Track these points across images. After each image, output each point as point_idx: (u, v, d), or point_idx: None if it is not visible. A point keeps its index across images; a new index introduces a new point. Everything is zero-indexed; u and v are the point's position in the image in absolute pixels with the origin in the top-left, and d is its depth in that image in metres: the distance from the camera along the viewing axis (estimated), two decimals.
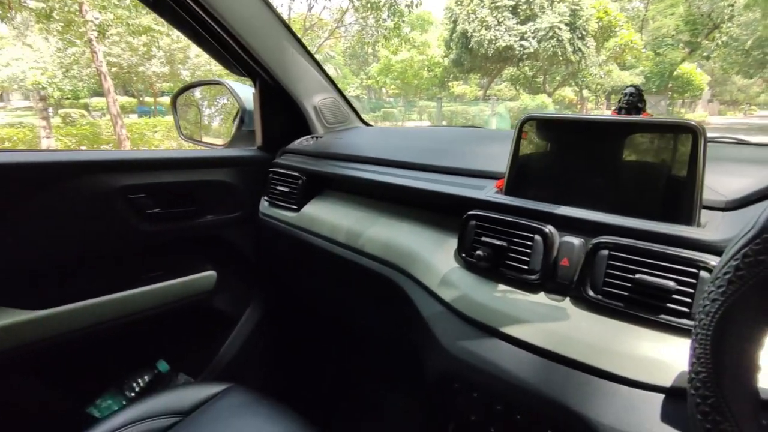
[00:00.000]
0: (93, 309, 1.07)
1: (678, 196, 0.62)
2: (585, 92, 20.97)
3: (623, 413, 0.52)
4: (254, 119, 1.38)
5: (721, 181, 0.66)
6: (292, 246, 1.24)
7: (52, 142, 8.95)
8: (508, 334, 0.64)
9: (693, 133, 0.60)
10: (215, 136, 1.70)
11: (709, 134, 0.62)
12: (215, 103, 1.79)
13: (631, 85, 0.91)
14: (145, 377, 1.25)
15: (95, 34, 9.18)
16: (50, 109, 9.70)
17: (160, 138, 11.07)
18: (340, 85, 1.45)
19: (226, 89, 1.50)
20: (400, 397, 1.28)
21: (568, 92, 21.21)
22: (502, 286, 0.71)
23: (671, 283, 0.55)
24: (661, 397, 0.51)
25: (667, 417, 0.50)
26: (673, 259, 0.57)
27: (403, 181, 0.96)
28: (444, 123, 17.93)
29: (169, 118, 12.77)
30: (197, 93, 1.73)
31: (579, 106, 21.59)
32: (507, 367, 0.63)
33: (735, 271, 0.35)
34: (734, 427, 0.33)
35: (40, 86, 11.33)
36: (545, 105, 17.74)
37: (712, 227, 0.59)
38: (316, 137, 1.37)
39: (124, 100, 17.81)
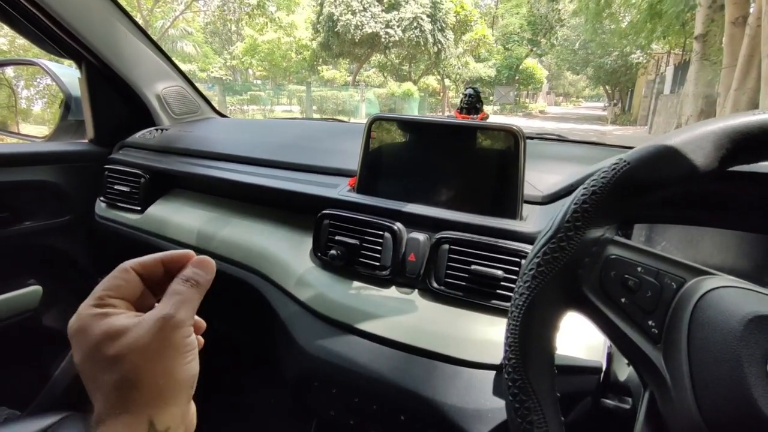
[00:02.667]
0: None
1: (505, 192, 0.69)
2: (447, 81, 22.38)
3: (464, 392, 0.58)
4: (83, 108, 1.20)
5: (540, 177, 0.75)
6: (136, 251, 1.11)
7: None
8: (363, 330, 0.67)
9: (514, 136, 0.67)
10: (34, 125, 1.45)
11: (547, 127, 0.71)
12: (34, 85, 1.53)
13: (469, 87, 0.99)
14: None
15: None
16: None
17: None
18: (200, 65, 1.34)
19: (43, 71, 1.28)
20: (267, 399, 1.25)
21: (432, 80, 22.39)
22: (356, 283, 0.74)
23: (499, 272, 0.63)
24: (493, 373, 0.58)
25: (498, 390, 0.57)
26: (500, 250, 0.64)
27: (257, 179, 0.93)
28: (314, 108, 17.72)
29: None
30: (9, 72, 1.46)
31: (441, 94, 22.98)
32: (362, 361, 0.65)
33: (537, 268, 0.40)
34: (536, 403, 0.38)
35: None
36: (411, 92, 18.52)
37: (531, 220, 0.67)
38: (161, 129, 1.24)
39: None
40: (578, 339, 0.57)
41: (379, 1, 17.06)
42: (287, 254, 0.85)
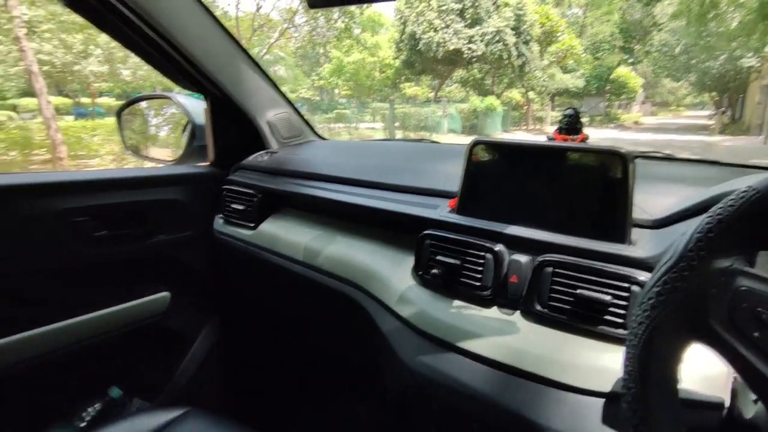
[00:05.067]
0: (40, 338, 1.02)
1: (612, 215, 0.67)
2: (531, 94, 21.75)
3: (570, 418, 0.56)
4: (206, 135, 1.35)
5: (649, 199, 0.72)
6: (249, 264, 1.23)
7: None
8: (464, 348, 0.67)
9: (622, 159, 0.66)
10: (162, 149, 1.64)
11: (641, 139, 0.69)
12: (162, 115, 1.74)
13: (570, 108, 0.97)
14: (96, 405, 1.20)
15: (23, 31, 8.57)
16: None
17: (99, 142, 10.45)
18: (291, 86, 1.46)
19: (173, 102, 1.46)
20: (361, 411, 1.29)
21: (515, 94, 21.89)
22: (456, 302, 0.75)
23: (607, 297, 0.61)
24: (601, 401, 0.56)
25: (607, 419, 0.55)
26: (608, 275, 0.62)
27: (360, 200, 0.98)
28: (397, 124, 18.04)
29: (109, 120, 12.12)
30: (144, 105, 1.67)
31: (526, 108, 22.36)
32: (463, 379, 0.66)
33: (657, 297, 0.39)
34: None
35: None
36: (494, 106, 18.23)
37: (641, 245, 0.65)
38: (271, 153, 1.36)
39: (59, 100, 16.69)
40: (697, 371, 0.54)
41: (461, 17, 17.08)
42: (389, 271, 0.87)
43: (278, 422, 1.46)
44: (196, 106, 1.38)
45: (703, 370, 0.54)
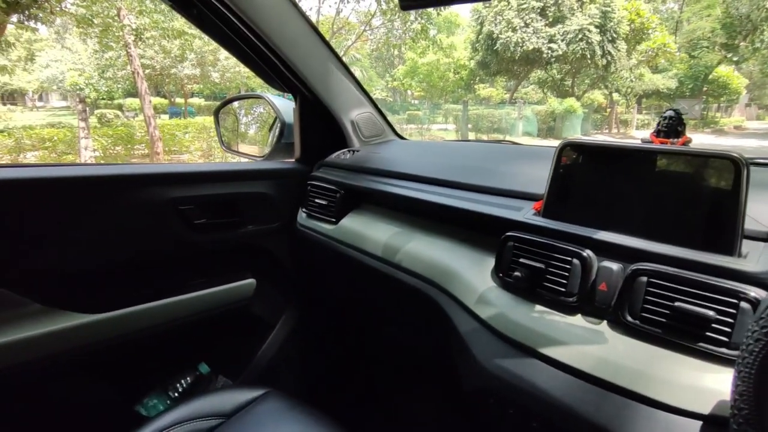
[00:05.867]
0: (143, 314, 1.13)
1: (719, 225, 0.62)
2: (615, 95, 20.51)
3: None
4: (293, 133, 1.43)
5: (763, 209, 0.66)
6: (329, 257, 1.28)
7: (90, 142, 9.27)
8: (545, 354, 0.66)
9: (734, 163, 0.61)
10: (251, 145, 1.75)
11: (744, 145, 0.63)
12: (252, 114, 1.85)
13: (670, 109, 0.92)
14: (188, 378, 1.31)
15: (132, 38, 9.48)
16: (87, 110, 10.07)
17: (190, 139, 11.33)
18: (365, 87, 1.48)
19: (264, 101, 1.55)
20: (432, 408, 1.30)
21: (597, 95, 20.75)
22: (539, 307, 0.73)
23: (711, 313, 0.56)
24: (699, 424, 0.52)
25: None
26: (713, 289, 0.58)
27: (442, 199, 0.98)
28: (470, 126, 17.79)
29: (199, 119, 13.07)
30: (236, 104, 1.79)
31: (608, 110, 21.12)
32: (543, 386, 0.64)
33: None
34: None
35: (78, 87, 11.76)
36: (573, 108, 17.41)
37: (753, 258, 0.59)
38: (353, 151, 1.41)
39: (156, 101, 18.28)
40: None
41: (542, 15, 16.49)
42: (468, 272, 0.87)
43: (350, 409, 1.50)
44: (285, 106, 1.46)
45: None
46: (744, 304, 0.55)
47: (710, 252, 0.62)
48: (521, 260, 0.76)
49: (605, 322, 0.67)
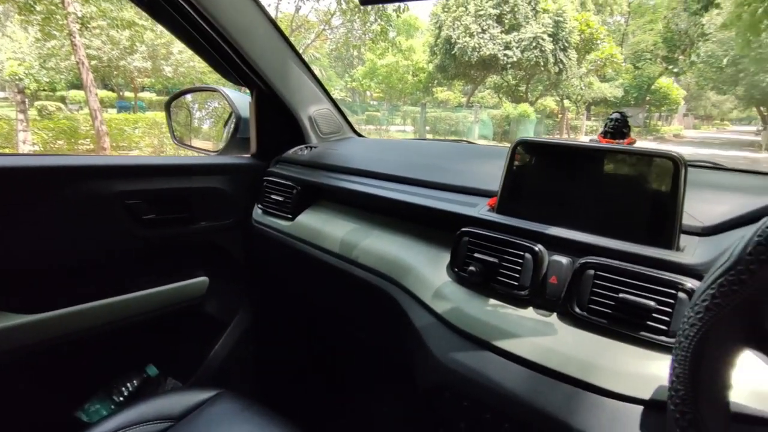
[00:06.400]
0: (86, 313, 1.07)
1: (660, 220, 0.66)
2: (566, 102, 21.35)
3: (607, 424, 0.56)
4: (249, 127, 1.40)
5: (698, 207, 0.71)
6: (285, 254, 1.26)
7: (29, 136, 8.70)
8: (498, 347, 0.67)
9: (674, 162, 0.65)
10: (205, 140, 1.70)
11: (687, 157, 0.67)
12: (206, 107, 1.80)
13: (616, 111, 0.96)
14: (134, 381, 1.25)
15: (77, 26, 8.98)
16: (27, 101, 9.44)
17: (140, 134, 10.84)
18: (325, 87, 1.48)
19: (219, 95, 1.51)
20: (390, 404, 1.30)
21: (549, 101, 21.53)
22: (492, 301, 0.75)
23: (652, 303, 0.60)
24: (640, 408, 0.55)
25: (646, 427, 0.54)
26: (653, 281, 0.61)
27: (399, 195, 0.99)
28: (427, 128, 18.02)
29: (150, 114, 12.54)
30: (189, 97, 1.73)
31: (560, 116, 21.95)
32: (496, 378, 0.66)
33: (712, 299, 0.39)
34: None
35: (17, 77, 11.02)
36: (527, 113, 17.98)
37: (689, 251, 0.63)
38: (311, 147, 1.39)
39: (103, 94, 17.34)
40: (750, 384, 0.53)
41: (498, 23, 16.93)
42: (424, 267, 0.88)
43: (306, 409, 1.48)
44: (241, 100, 1.43)
45: (755, 384, 0.53)
46: (681, 294, 0.58)
47: (652, 246, 0.65)
48: (476, 255, 0.77)
49: (555, 314, 0.70)
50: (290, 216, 1.23)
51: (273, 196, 1.28)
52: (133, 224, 1.13)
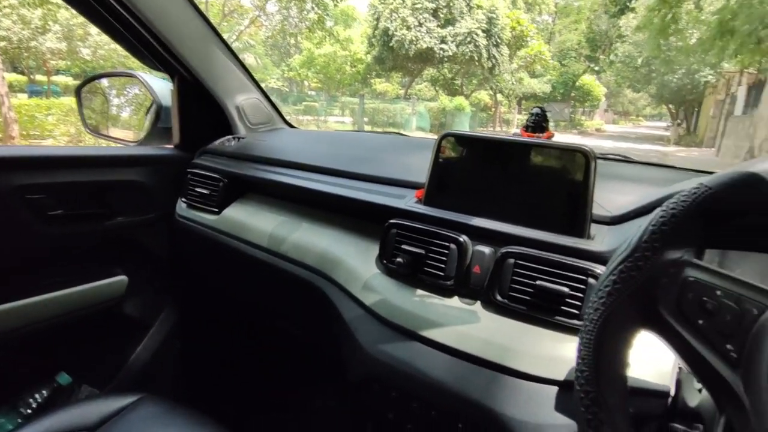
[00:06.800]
0: None
1: (573, 210, 0.70)
2: (499, 96, 22.14)
3: (525, 405, 0.59)
4: (171, 116, 1.32)
5: (607, 197, 0.76)
6: (211, 249, 1.21)
7: None
8: (425, 336, 0.69)
9: (585, 156, 0.69)
10: (125, 129, 1.59)
11: (604, 146, 0.72)
12: (125, 94, 1.68)
13: (536, 107, 1.00)
14: (43, 392, 1.15)
15: None
16: None
17: (54, 122, 9.92)
18: (259, 76, 1.43)
19: (138, 81, 1.41)
20: (320, 398, 1.29)
21: (483, 95, 22.23)
22: (420, 291, 0.76)
23: (565, 289, 0.63)
24: (555, 389, 0.59)
25: (560, 406, 0.57)
26: (567, 268, 0.65)
27: (328, 188, 0.98)
28: (366, 119, 18.00)
29: (65, 99, 11.53)
30: (105, 82, 1.61)
31: (493, 109, 22.73)
32: (423, 367, 0.67)
33: (613, 285, 0.41)
34: (608, 416, 0.40)
35: None
36: (462, 106, 18.45)
37: (599, 239, 0.68)
38: (238, 138, 1.34)
39: (12, 77, 15.75)
40: (646, 362, 0.57)
41: (435, 17, 17.18)
42: (354, 259, 0.88)
43: (236, 408, 1.44)
44: (162, 87, 1.34)
45: (652, 361, 0.57)
46: (591, 280, 0.62)
47: (566, 235, 0.69)
48: (403, 246, 0.78)
49: (479, 302, 0.72)
50: (216, 210, 1.18)
51: (198, 189, 1.22)
52: (36, 221, 1.03)
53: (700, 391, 0.53)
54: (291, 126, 1.56)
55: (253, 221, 1.10)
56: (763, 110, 7.24)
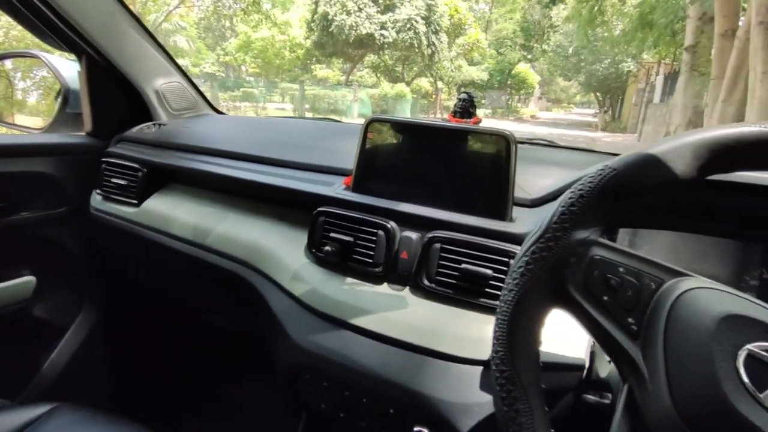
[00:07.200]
0: None
1: (495, 194, 0.72)
2: (439, 83, 22.45)
3: (453, 387, 0.60)
4: (81, 101, 1.21)
5: (530, 181, 0.78)
6: (131, 244, 1.13)
7: None
8: (355, 324, 0.69)
9: (506, 140, 0.70)
10: (33, 116, 1.45)
11: (538, 132, 0.74)
12: (31, 77, 1.54)
13: (464, 92, 1.01)
14: None
15: None
16: None
17: None
18: (193, 60, 1.35)
19: (43, 63, 1.28)
20: (255, 393, 1.26)
21: (424, 82, 22.43)
22: (349, 279, 0.76)
23: (489, 271, 0.65)
24: (481, 369, 0.61)
25: (485, 386, 0.59)
26: (490, 250, 0.67)
27: (255, 176, 0.95)
28: (307, 106, 17.68)
29: None
30: (7, 64, 1.46)
31: (434, 96, 23.03)
32: (353, 355, 0.67)
33: (525, 266, 0.42)
34: (522, 392, 0.41)
35: None
36: (403, 93, 18.55)
37: (520, 222, 0.70)
38: (159, 124, 1.26)
39: None
40: (563, 338, 0.60)
41: (374, 2, 17.06)
42: (282, 249, 0.86)
43: (167, 411, 1.38)
44: (70, 69, 1.23)
45: (570, 336, 0.60)
46: (512, 261, 0.64)
47: (489, 218, 0.70)
48: (332, 235, 0.78)
49: (408, 288, 0.73)
50: (135, 201, 1.11)
51: (114, 180, 1.14)
52: None
53: (609, 362, 0.56)
54: (219, 112, 1.48)
55: (176, 213, 1.05)
56: (677, 98, 7.83)
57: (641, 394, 0.38)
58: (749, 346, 0.33)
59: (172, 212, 1.05)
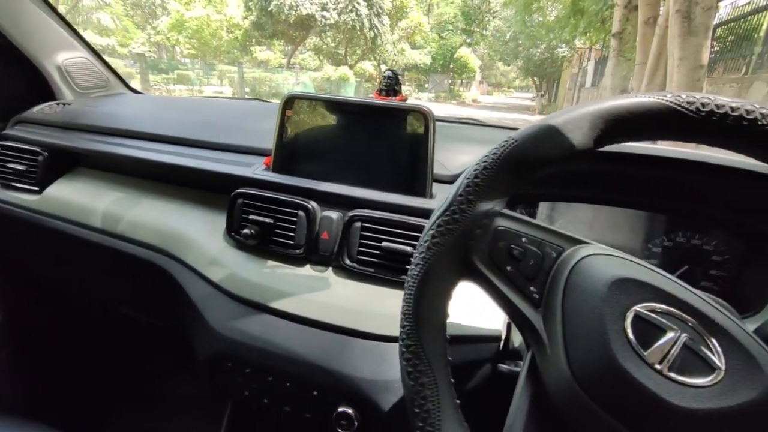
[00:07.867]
0: None
1: (416, 171, 0.72)
2: (383, 67, 22.36)
3: (375, 365, 0.60)
4: None
5: (452, 157, 0.78)
6: (33, 235, 1.04)
7: None
8: (276, 308, 0.68)
9: (424, 116, 0.70)
10: None
11: (477, 116, 0.74)
12: None
13: (388, 69, 1.00)
14: None
15: None
16: None
17: None
18: (120, 39, 1.24)
19: None
20: (180, 386, 1.21)
21: (367, 66, 22.30)
22: (270, 262, 0.74)
23: (409, 248, 0.65)
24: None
25: None
26: (409, 227, 0.67)
27: (169, 158, 0.90)
28: (247, 90, 17.06)
29: None
30: None
31: (378, 80, 22.95)
32: (275, 340, 0.66)
33: (431, 239, 0.42)
34: (427, 366, 0.40)
35: None
36: (346, 77, 18.34)
37: (440, 198, 0.70)
38: (63, 104, 1.15)
39: None
40: (482, 311, 0.61)
41: None
42: (200, 235, 0.83)
43: (86, 413, 1.29)
44: None
45: (486, 310, 0.61)
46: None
47: (410, 195, 0.70)
48: (251, 217, 0.75)
49: (330, 268, 0.72)
50: (36, 188, 1.02)
51: (11, 165, 1.04)
52: None
53: None
54: (135, 91, 1.38)
55: (83, 200, 0.97)
56: (606, 82, 8.27)
57: (542, 360, 0.39)
58: (636, 307, 0.35)
59: (78, 199, 0.97)
